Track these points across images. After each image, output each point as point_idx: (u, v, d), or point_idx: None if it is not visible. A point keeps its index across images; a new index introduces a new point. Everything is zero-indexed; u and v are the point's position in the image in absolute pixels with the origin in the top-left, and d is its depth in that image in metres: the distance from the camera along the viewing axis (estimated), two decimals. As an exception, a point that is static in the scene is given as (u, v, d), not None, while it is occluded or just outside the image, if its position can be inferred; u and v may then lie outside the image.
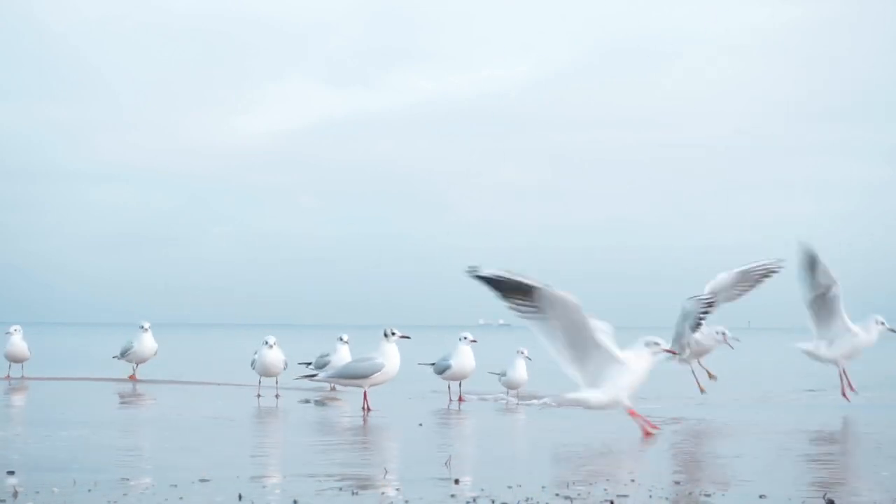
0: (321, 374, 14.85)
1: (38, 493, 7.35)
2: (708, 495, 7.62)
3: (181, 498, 7.24)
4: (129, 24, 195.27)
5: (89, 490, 7.48)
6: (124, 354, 19.92)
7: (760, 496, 7.55)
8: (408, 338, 14.63)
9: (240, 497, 7.28)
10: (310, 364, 17.85)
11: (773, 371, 29.48)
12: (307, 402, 16.27)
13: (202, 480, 7.95)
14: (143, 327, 19.67)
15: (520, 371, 16.46)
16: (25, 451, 9.54)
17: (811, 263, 14.43)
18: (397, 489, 7.71)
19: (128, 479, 7.90)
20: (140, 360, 19.98)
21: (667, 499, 7.46)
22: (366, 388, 14.31)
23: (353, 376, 14.28)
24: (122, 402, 15.85)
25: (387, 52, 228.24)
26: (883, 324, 14.90)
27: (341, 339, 17.72)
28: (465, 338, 16.24)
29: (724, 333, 14.42)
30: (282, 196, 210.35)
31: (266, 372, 16.75)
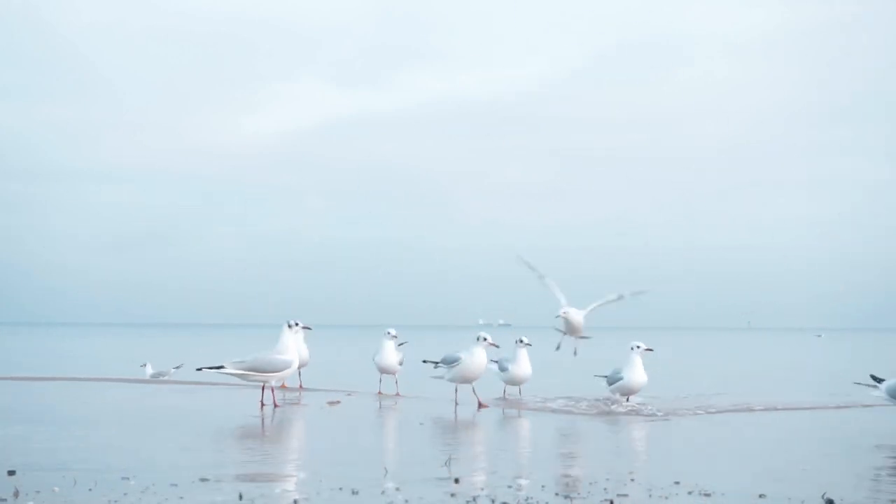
0: (228, 367, 14.02)
1: (38, 492, 7.36)
2: (708, 495, 7.63)
3: (181, 498, 7.25)
4: (137, 27, 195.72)
5: (89, 490, 7.49)
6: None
7: (760, 496, 7.56)
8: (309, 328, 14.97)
9: (240, 497, 7.29)
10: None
11: (771, 371, 29.47)
12: (305, 402, 16.27)
13: (202, 480, 7.96)
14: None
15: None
16: (26, 450, 9.54)
17: None
18: (397, 489, 7.71)
19: (128, 479, 7.91)
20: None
21: (667, 498, 7.47)
22: (272, 383, 14.38)
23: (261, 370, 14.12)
24: (123, 402, 15.84)
25: (396, 52, 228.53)
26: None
27: (389, 334, 17.33)
28: (484, 339, 14.76)
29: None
30: (288, 196, 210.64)
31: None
